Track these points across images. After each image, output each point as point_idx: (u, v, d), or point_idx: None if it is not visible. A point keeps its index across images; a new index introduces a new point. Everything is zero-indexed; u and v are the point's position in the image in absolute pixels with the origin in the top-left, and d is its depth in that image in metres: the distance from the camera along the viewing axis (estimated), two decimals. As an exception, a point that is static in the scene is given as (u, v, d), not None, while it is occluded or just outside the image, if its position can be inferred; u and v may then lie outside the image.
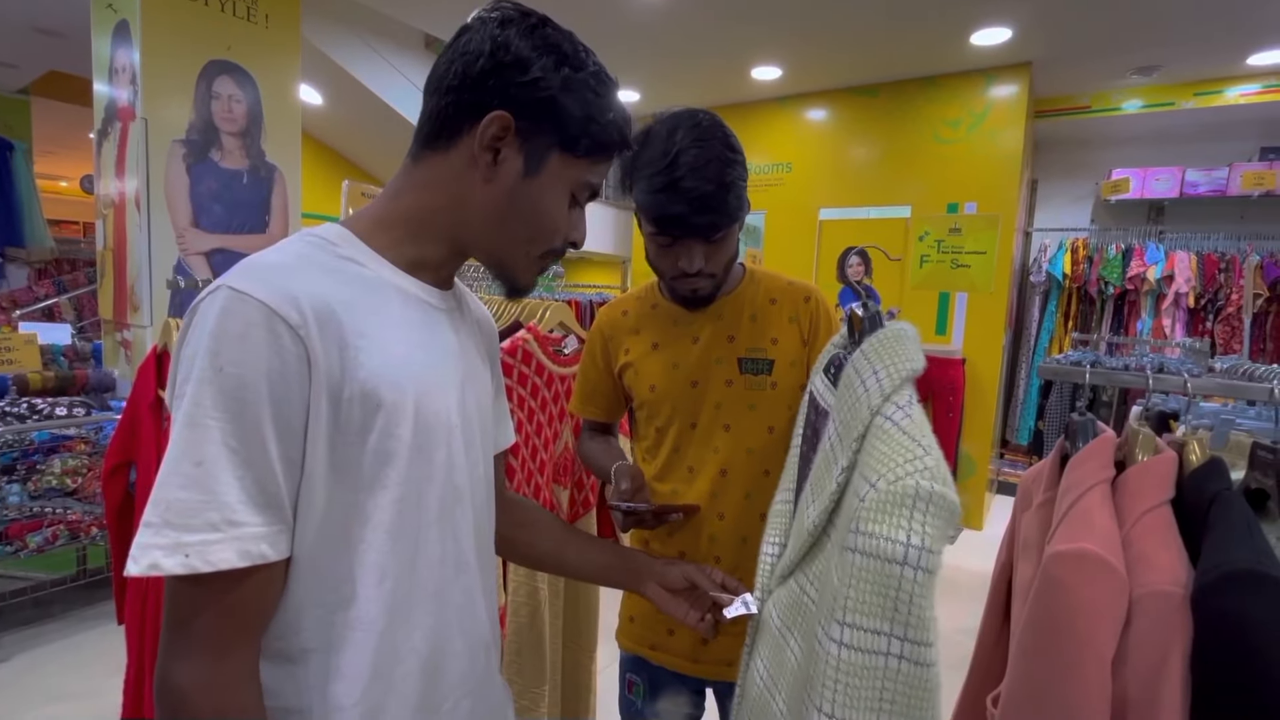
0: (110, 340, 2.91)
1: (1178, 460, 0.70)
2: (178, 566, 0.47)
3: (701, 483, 1.03)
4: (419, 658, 0.59)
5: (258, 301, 0.50)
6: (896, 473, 0.47)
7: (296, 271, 0.54)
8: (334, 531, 0.54)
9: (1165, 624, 0.55)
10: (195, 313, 0.52)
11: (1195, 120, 4.12)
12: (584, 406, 1.17)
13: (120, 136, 2.67)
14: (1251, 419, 1.07)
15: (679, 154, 0.90)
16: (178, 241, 2.62)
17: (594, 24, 3.48)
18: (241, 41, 2.76)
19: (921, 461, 0.47)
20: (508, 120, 0.59)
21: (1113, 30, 3.29)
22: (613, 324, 1.11)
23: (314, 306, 0.52)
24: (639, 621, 1.10)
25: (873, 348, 0.58)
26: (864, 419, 0.54)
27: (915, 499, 0.46)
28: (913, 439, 0.49)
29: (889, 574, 0.46)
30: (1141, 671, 0.56)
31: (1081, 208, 4.72)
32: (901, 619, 0.46)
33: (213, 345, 0.49)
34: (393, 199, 0.63)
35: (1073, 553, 0.59)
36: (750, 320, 1.04)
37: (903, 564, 0.46)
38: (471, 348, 0.70)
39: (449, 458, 0.61)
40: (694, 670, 1.07)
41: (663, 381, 1.04)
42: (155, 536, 0.47)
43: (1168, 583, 0.57)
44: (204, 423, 0.48)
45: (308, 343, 0.51)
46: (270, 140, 2.88)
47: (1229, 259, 3.87)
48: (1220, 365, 1.83)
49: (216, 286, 0.52)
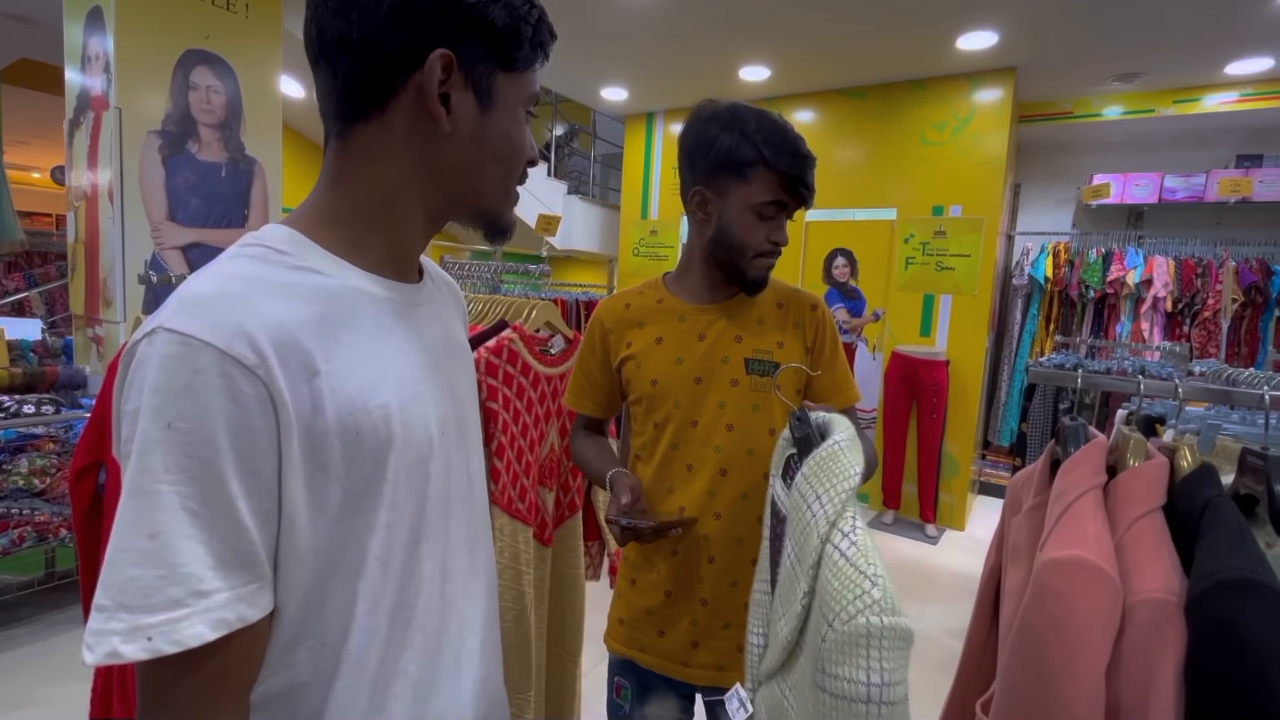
0: (82, 336, 2.83)
1: (1169, 466, 0.70)
2: (140, 652, 0.41)
3: (700, 481, 1.01)
4: (409, 680, 0.57)
5: (202, 344, 0.43)
6: (849, 610, 0.51)
7: (245, 299, 0.47)
8: (322, 569, 0.51)
9: (1159, 632, 0.55)
10: (132, 359, 0.45)
11: (1174, 127, 4.19)
12: (579, 400, 1.14)
13: (93, 127, 2.60)
14: (1235, 423, 1.08)
15: (789, 128, 0.95)
16: (153, 235, 2.56)
17: (582, 24, 3.46)
18: (220, 31, 2.70)
19: (870, 595, 0.51)
20: (449, 57, 0.52)
21: (1095, 37, 3.33)
22: (615, 316, 1.09)
23: (272, 338, 0.46)
24: (629, 624, 1.09)
25: (812, 470, 0.62)
26: (815, 548, 0.58)
27: (869, 638, 0.50)
28: (859, 570, 0.53)
29: (856, 712, 0.50)
30: (1134, 680, 0.55)
31: (1063, 212, 4.78)
32: None
33: (157, 401, 0.43)
34: (334, 187, 0.55)
35: (1067, 560, 0.58)
36: (758, 322, 1.05)
37: (866, 702, 0.50)
38: (448, 330, 0.65)
39: (434, 472, 0.58)
40: (684, 675, 1.05)
41: (665, 376, 1.03)
42: (110, 622, 0.41)
43: (1161, 590, 0.56)
44: (155, 489, 0.42)
45: (269, 383, 0.45)
46: (250, 132, 2.82)
47: (1205, 264, 3.94)
48: (1199, 369, 1.86)
49: (153, 329, 0.44)
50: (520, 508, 1.36)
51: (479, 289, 2.10)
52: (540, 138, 6.53)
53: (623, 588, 1.12)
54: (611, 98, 4.81)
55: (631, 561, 1.10)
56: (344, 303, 0.52)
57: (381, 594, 0.54)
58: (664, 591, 1.04)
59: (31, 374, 2.43)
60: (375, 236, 0.56)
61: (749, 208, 0.96)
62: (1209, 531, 0.59)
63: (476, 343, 1.36)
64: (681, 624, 1.03)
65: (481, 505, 0.68)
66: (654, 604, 1.05)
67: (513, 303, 1.58)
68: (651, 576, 1.05)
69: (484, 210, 0.60)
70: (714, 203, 0.99)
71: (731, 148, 0.94)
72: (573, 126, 7.15)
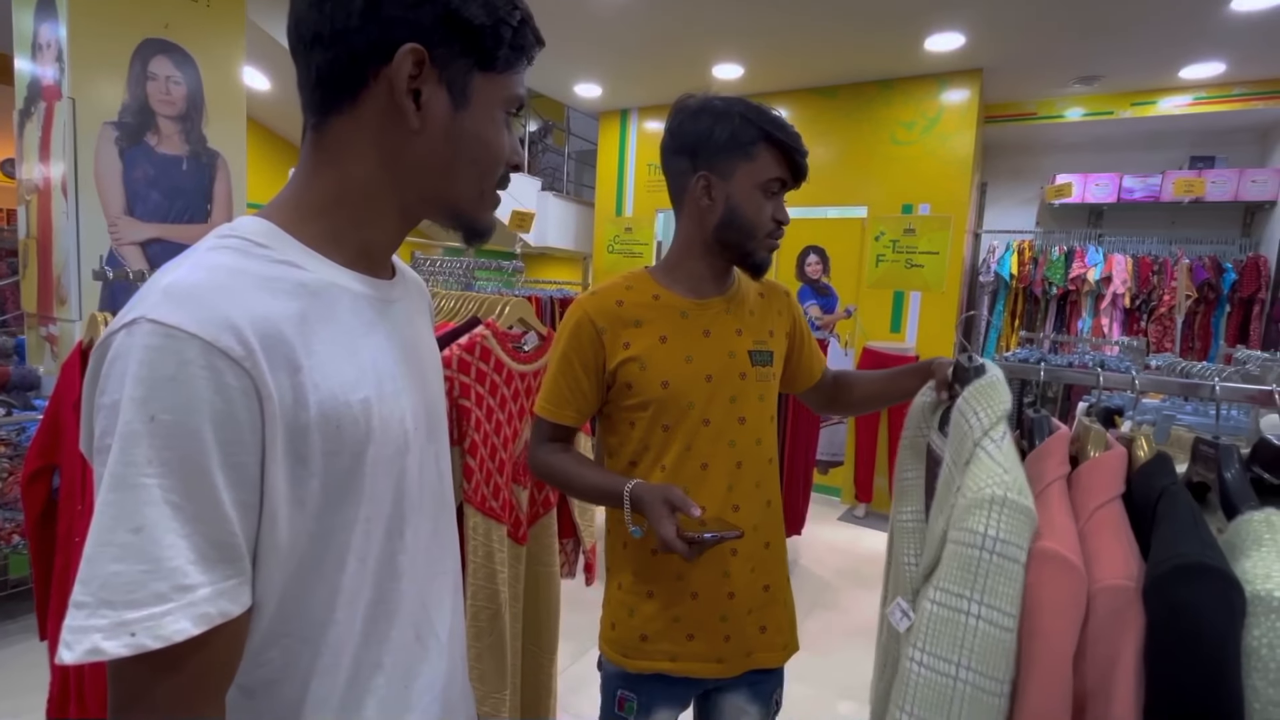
0: (34, 335, 2.73)
1: (1127, 456, 0.72)
2: (124, 648, 0.40)
3: (717, 479, 1.00)
4: (384, 673, 0.57)
5: (188, 335, 0.42)
6: (981, 484, 0.64)
7: (230, 290, 0.46)
8: (301, 564, 0.50)
9: (1119, 617, 0.56)
10: (108, 351, 0.44)
11: (1132, 129, 4.33)
12: (560, 410, 1.03)
13: (45, 117, 2.50)
14: (1189, 414, 1.13)
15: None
16: (110, 230, 2.47)
17: (555, 20, 3.43)
18: (181, 21, 2.61)
19: (1001, 478, 0.63)
20: (421, 53, 0.51)
21: (1057, 40, 3.42)
22: (607, 315, 1.00)
23: (258, 331, 0.45)
24: (654, 638, 1.03)
25: (973, 394, 0.75)
26: (969, 450, 0.70)
27: (992, 503, 0.62)
28: (998, 463, 0.66)
29: (971, 556, 0.62)
30: (1098, 665, 0.57)
31: (1028, 211, 4.90)
32: (980, 588, 0.61)
33: (140, 392, 0.42)
34: (310, 179, 0.55)
35: (1036, 551, 0.60)
36: (750, 314, 1.06)
37: (980, 549, 0.61)
38: (419, 327, 0.65)
39: (409, 466, 0.58)
40: (717, 671, 1.03)
41: (677, 376, 0.99)
42: (91, 618, 0.40)
43: (1121, 577, 0.58)
44: (138, 482, 0.41)
45: (255, 376, 0.45)
46: (212, 125, 2.74)
47: (1161, 262, 4.08)
48: (1155, 363, 1.93)
49: (133, 319, 0.43)
50: (494, 505, 1.35)
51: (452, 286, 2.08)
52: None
53: (635, 603, 1.04)
54: (585, 94, 4.79)
55: (644, 575, 1.03)
56: (324, 298, 0.52)
57: (359, 588, 0.54)
58: (690, 594, 1.01)
59: (-20, 375, 2.33)
60: (350, 231, 0.56)
61: (757, 185, 0.98)
62: (1164, 519, 0.61)
63: (449, 340, 1.34)
64: (711, 622, 1.02)
65: (449, 502, 0.68)
66: (681, 611, 1.02)
67: (485, 299, 1.57)
68: (675, 584, 1.02)
69: (458, 211, 0.59)
70: (719, 186, 0.99)
71: (735, 129, 0.97)
72: (547, 123, 7.10)
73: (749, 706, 1.09)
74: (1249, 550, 0.55)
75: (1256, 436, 0.71)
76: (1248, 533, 0.57)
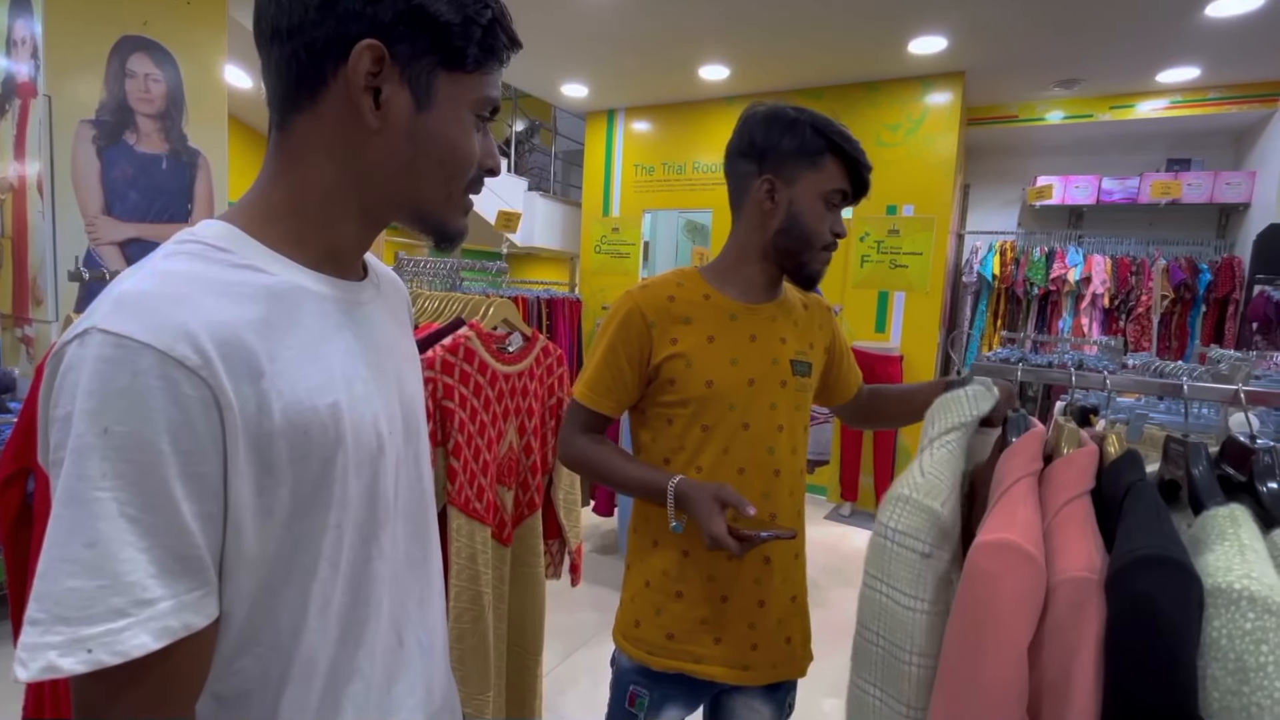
0: (10, 336, 2.68)
1: (1098, 453, 0.74)
2: (79, 665, 0.39)
3: (756, 483, 1.00)
4: (364, 679, 0.56)
5: (140, 344, 0.41)
6: (898, 484, 0.75)
7: (185, 299, 0.45)
8: (271, 573, 0.49)
9: (1080, 609, 0.57)
10: (60, 362, 0.43)
11: (1111, 131, 4.40)
12: (601, 399, 1.03)
13: (20, 115, 2.46)
14: (1162, 413, 1.15)
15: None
16: (87, 230, 2.43)
17: (542, 21, 3.43)
18: (160, 17, 2.58)
19: (915, 481, 0.75)
20: (379, 49, 0.49)
21: (1038, 44, 3.47)
22: (658, 309, 1.01)
23: (215, 339, 0.44)
24: (680, 637, 1.03)
25: (939, 404, 0.87)
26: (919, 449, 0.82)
27: (896, 500, 0.74)
28: (920, 468, 0.77)
29: (879, 545, 0.74)
30: (1057, 656, 0.58)
31: (1009, 212, 4.97)
32: (886, 572, 0.73)
33: (92, 405, 0.41)
34: (275, 181, 0.54)
35: (995, 542, 0.61)
36: (794, 325, 1.07)
37: (885, 539, 0.73)
38: (394, 328, 0.64)
39: (383, 470, 0.57)
40: (741, 679, 1.03)
41: (721, 377, 1.00)
42: (45, 635, 0.39)
43: (1083, 569, 0.59)
44: (92, 496, 0.40)
45: (213, 385, 0.43)
46: (193, 123, 2.70)
47: (1139, 263, 4.15)
48: (1132, 361, 1.97)
49: (85, 330, 0.42)
50: (478, 507, 1.35)
51: (437, 286, 2.06)
52: (500, 133, 6.44)
53: (663, 603, 1.03)
54: (572, 94, 4.78)
55: (675, 575, 1.03)
56: (288, 301, 0.51)
57: (332, 594, 0.53)
58: (720, 597, 1.01)
59: (-47, 377, 2.29)
60: (315, 232, 0.55)
61: (820, 195, 1.00)
62: (1129, 513, 0.63)
63: (432, 341, 1.34)
64: (739, 628, 1.02)
65: (430, 504, 0.68)
66: (708, 613, 1.02)
67: (469, 300, 1.56)
68: (707, 586, 1.02)
69: (423, 214, 0.57)
70: (782, 191, 1.00)
71: (805, 137, 0.99)
72: (533, 123, 7.08)
73: (763, 708, 1.09)
74: (1213, 544, 0.57)
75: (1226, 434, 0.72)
76: (1212, 527, 0.59)
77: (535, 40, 3.75)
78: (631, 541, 1.11)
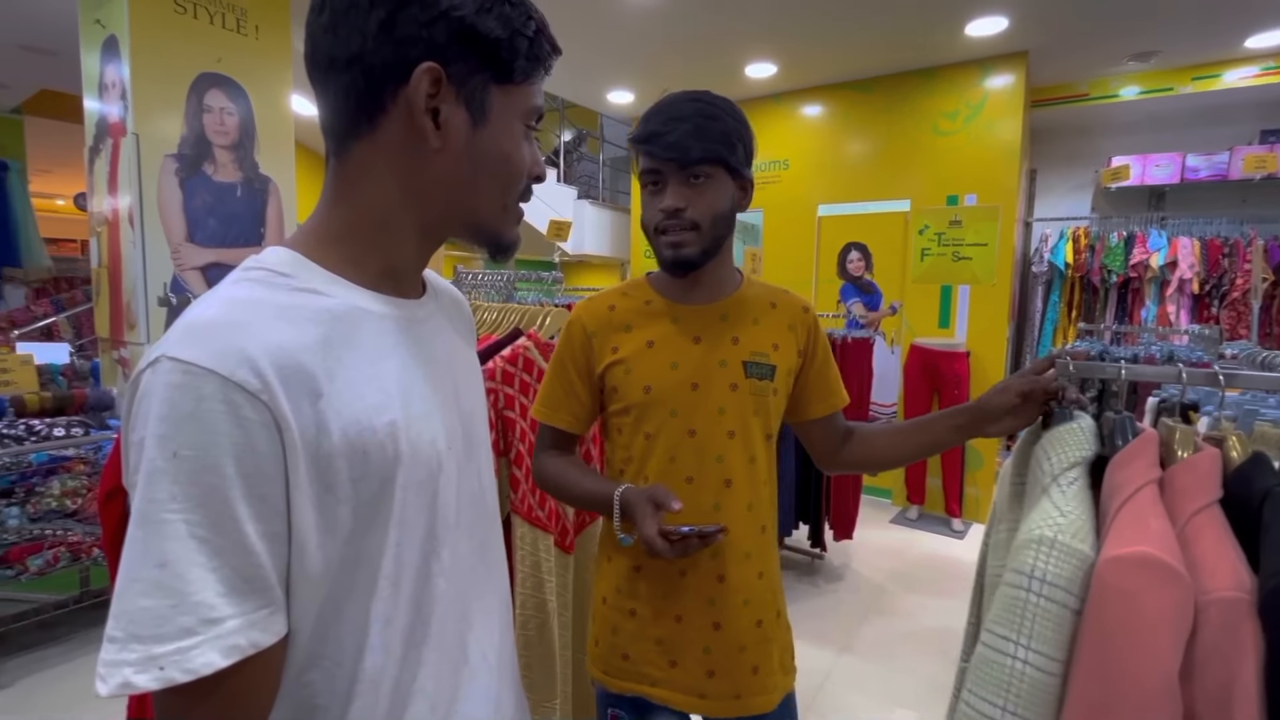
0: (108, 358, 2.89)
1: (1220, 456, 0.67)
2: (153, 682, 0.41)
3: (704, 494, 0.94)
4: (427, 698, 0.56)
5: (205, 371, 0.43)
6: (1034, 524, 0.65)
7: (246, 325, 0.47)
8: (334, 590, 0.50)
9: (1235, 633, 0.51)
10: (136, 388, 0.45)
11: (1194, 105, 4.09)
12: (554, 413, 1.01)
13: (112, 153, 2.65)
14: (1272, 408, 1.04)
15: (676, 96, 0.96)
16: (172, 257, 2.60)
17: (587, 23, 3.46)
18: (232, 53, 2.74)
19: (1055, 520, 0.64)
20: (437, 70, 0.50)
21: (1108, 16, 3.26)
22: (597, 319, 0.99)
23: (275, 363, 0.46)
24: (635, 659, 0.98)
25: (1051, 439, 0.79)
26: (1038, 495, 0.73)
27: (1040, 543, 0.63)
28: (1056, 506, 0.67)
29: (1017, 598, 0.62)
30: (1212, 685, 0.52)
31: (1081, 196, 4.69)
32: (1026, 631, 0.61)
33: (162, 430, 0.43)
34: (334, 206, 0.55)
35: (1132, 557, 0.55)
36: (753, 323, 0.98)
37: (1026, 590, 0.61)
38: (456, 342, 0.65)
39: (442, 488, 0.57)
40: (699, 708, 0.96)
41: (660, 382, 0.95)
42: (122, 652, 0.42)
43: (1232, 588, 0.53)
44: (162, 518, 0.42)
45: (273, 408, 0.45)
46: (264, 152, 2.86)
47: (1232, 243, 3.84)
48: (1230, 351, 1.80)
49: (156, 358, 0.44)
50: (540, 515, 1.36)
51: (493, 298, 2.11)
52: (548, 144, 6.55)
53: (618, 621, 0.99)
54: (617, 100, 4.81)
55: (627, 591, 0.98)
56: (346, 322, 0.52)
57: (394, 613, 0.53)
58: (674, 617, 0.95)
59: (61, 397, 2.48)
60: (373, 254, 0.56)
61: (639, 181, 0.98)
62: (1273, 524, 0.56)
63: (491, 352, 1.36)
64: (694, 652, 0.95)
65: (494, 517, 0.68)
66: (664, 633, 0.96)
67: (526, 310, 1.58)
68: (658, 603, 0.96)
69: (480, 227, 0.59)
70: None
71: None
72: (580, 132, 7.17)
73: None
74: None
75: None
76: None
77: (581, 50, 3.79)
78: (595, 558, 1.07)
